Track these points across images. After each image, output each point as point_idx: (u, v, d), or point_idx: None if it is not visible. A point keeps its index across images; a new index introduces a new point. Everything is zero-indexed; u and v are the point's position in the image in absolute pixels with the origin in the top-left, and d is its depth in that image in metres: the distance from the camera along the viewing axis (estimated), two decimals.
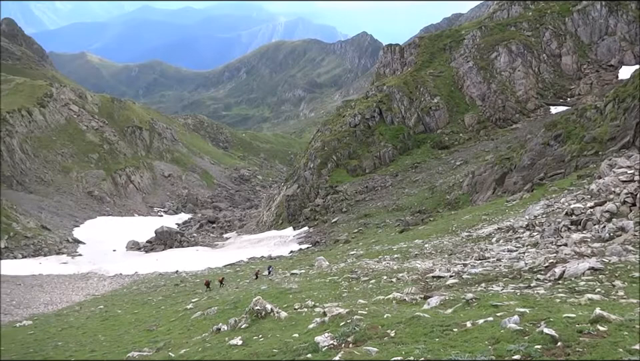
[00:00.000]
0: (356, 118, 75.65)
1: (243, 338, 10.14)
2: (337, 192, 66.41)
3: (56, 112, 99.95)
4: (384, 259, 27.43)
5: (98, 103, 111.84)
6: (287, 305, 15.76)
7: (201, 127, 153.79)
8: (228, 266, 48.83)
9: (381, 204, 59.47)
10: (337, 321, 9.34)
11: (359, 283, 20.08)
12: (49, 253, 62.89)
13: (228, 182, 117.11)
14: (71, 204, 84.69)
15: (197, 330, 16.98)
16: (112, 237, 73.08)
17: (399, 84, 77.48)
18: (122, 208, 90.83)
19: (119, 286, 43.30)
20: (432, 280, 17.44)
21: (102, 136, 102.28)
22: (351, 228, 54.52)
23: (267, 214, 76.99)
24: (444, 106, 74.39)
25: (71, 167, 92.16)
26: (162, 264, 55.86)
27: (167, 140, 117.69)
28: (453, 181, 56.43)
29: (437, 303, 10.66)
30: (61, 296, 39.36)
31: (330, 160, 71.59)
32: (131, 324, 22.70)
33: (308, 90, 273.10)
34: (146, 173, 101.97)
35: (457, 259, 21.92)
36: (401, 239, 37.39)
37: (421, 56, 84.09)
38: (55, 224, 74.50)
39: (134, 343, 17.52)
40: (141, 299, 31.96)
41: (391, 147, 71.90)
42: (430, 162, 67.82)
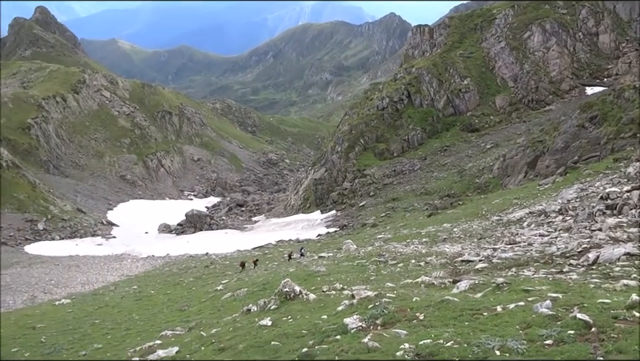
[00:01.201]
0: (384, 101, 74.84)
1: (272, 318, 10.30)
2: (364, 176, 66.17)
3: (89, 98, 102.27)
4: (412, 243, 27.30)
5: (129, 89, 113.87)
6: (314, 287, 15.90)
7: (229, 112, 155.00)
8: (256, 249, 49.52)
9: (409, 188, 59.02)
10: (365, 303, 9.38)
11: (387, 266, 20.08)
12: (84, 235, 64.99)
13: (256, 166, 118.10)
14: (105, 188, 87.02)
15: (227, 310, 17.33)
16: (144, 220, 74.88)
17: (428, 66, 76.09)
18: (153, 191, 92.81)
19: (152, 268, 44.47)
20: (461, 264, 17.29)
21: (133, 121, 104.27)
22: (379, 212, 54.36)
23: (295, 198, 77.44)
24: (474, 88, 72.78)
25: (104, 152, 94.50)
26: (192, 246, 57.05)
27: (196, 125, 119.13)
28: (483, 164, 55.47)
29: (466, 287, 10.56)
30: (97, 276, 40.71)
31: (357, 144, 71.22)
32: (164, 304, 23.33)
33: (335, 73, 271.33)
34: (176, 157, 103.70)
35: (486, 243, 21.64)
36: (429, 223, 37.10)
37: (450, 37, 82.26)
38: (89, 207, 76.77)
39: (167, 322, 18.01)
40: (172, 280, 32.77)
41: (419, 130, 70.98)
42: (459, 145, 66.71)
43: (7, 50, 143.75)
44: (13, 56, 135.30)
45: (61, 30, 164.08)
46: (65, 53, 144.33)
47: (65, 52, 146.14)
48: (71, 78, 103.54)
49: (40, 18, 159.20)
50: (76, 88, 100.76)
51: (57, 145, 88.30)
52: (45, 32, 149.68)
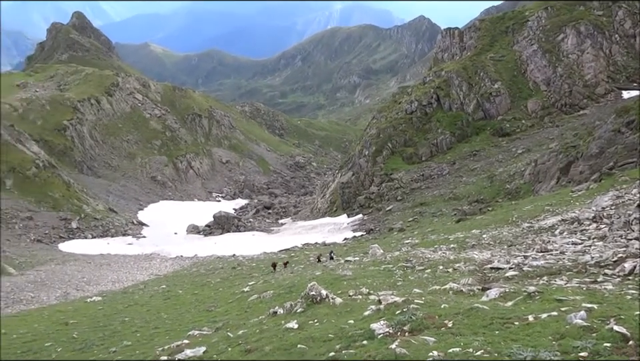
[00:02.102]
0: (412, 105, 74.24)
1: (299, 321, 10.30)
2: (391, 180, 65.72)
3: (122, 100, 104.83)
4: (440, 248, 26.93)
5: (160, 92, 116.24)
6: (340, 291, 15.85)
7: (257, 114, 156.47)
8: (283, 252, 49.69)
9: (437, 193, 58.31)
10: (393, 309, 9.28)
11: (414, 272, 19.86)
12: (115, 234, 66.51)
13: (283, 169, 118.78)
14: (136, 189, 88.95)
15: (253, 312, 17.43)
16: (173, 220, 76.17)
17: (457, 69, 75.16)
18: (183, 192, 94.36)
19: (180, 268, 45.14)
20: (490, 271, 16.95)
21: (164, 123, 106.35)
22: (406, 217, 53.86)
23: (322, 201, 77.49)
24: (505, 92, 71.50)
25: (135, 153, 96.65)
26: (220, 247, 57.69)
27: (225, 127, 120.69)
28: (513, 170, 54.34)
29: (497, 295, 10.34)
30: (127, 275, 41.57)
31: (385, 148, 70.83)
32: (191, 304, 23.63)
33: (363, 76, 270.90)
34: (205, 159, 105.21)
35: (517, 251, 21.17)
36: (458, 229, 36.54)
37: (481, 40, 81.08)
38: (121, 207, 78.56)
39: (194, 322, 18.23)
40: (200, 280, 33.18)
41: (448, 134, 70.11)
42: (489, 150, 65.58)
43: (45, 54, 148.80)
44: (50, 59, 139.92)
45: (96, 34, 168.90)
46: (99, 57, 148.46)
47: (100, 55, 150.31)
48: (105, 81, 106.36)
49: (77, 23, 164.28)
50: (110, 91, 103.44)
51: (90, 146, 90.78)
52: (81, 37, 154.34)
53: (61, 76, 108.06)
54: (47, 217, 64.22)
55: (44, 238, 59.38)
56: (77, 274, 40.75)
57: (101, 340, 17.37)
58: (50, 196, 67.95)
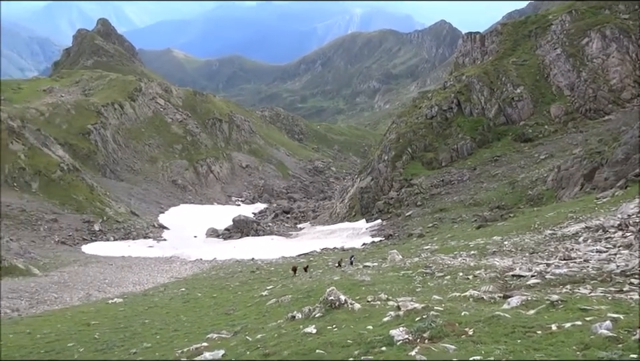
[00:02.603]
0: (433, 110, 73.74)
1: (317, 326, 10.27)
2: (411, 185, 65.28)
3: (144, 105, 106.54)
4: (460, 255, 26.61)
5: (182, 97, 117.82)
6: (359, 297, 15.77)
7: (277, 119, 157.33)
8: (301, 256, 49.70)
9: (457, 199, 57.69)
10: (412, 316, 9.19)
11: (434, 278, 19.67)
12: (137, 237, 67.40)
13: (302, 174, 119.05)
14: (157, 192, 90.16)
15: (271, 316, 17.47)
16: (193, 224, 76.90)
17: (479, 74, 74.44)
18: (203, 196, 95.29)
19: (199, 271, 45.48)
20: (511, 278, 16.69)
21: (185, 128, 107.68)
22: (426, 222, 53.40)
23: (340, 206, 77.38)
24: (528, 97, 70.50)
25: (157, 157, 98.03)
26: (239, 251, 57.98)
27: (245, 132, 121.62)
28: (536, 176, 53.47)
29: (518, 303, 10.16)
30: (148, 277, 42.03)
31: (405, 153, 70.44)
32: (210, 307, 23.77)
33: (383, 81, 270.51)
34: (225, 163, 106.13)
35: (539, 258, 20.79)
36: (478, 235, 36.06)
37: (503, 44, 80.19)
38: (142, 210, 79.67)
39: (213, 325, 18.34)
40: (219, 284, 33.37)
41: (469, 139, 69.39)
42: (511, 155, 64.67)
43: (71, 60, 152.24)
44: (76, 65, 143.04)
45: (120, 40, 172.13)
46: (123, 63, 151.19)
47: (124, 61, 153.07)
48: (129, 86, 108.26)
49: (101, 30, 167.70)
50: (133, 96, 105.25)
51: (113, 150, 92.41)
52: (106, 43, 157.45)
53: (85, 82, 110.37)
54: (70, 219, 65.49)
55: (67, 240, 60.50)
56: (99, 276, 41.37)
57: (121, 341, 17.59)
58: (74, 198, 69.32)
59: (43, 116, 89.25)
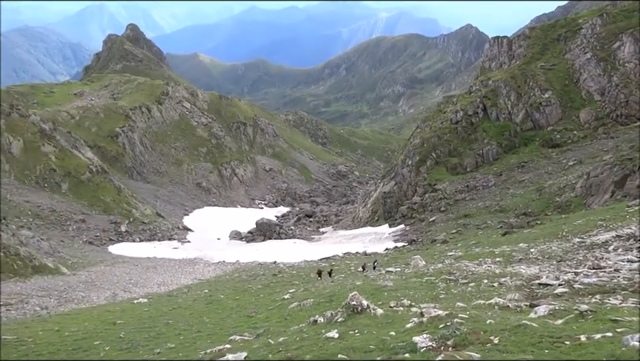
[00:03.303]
0: (458, 115, 72.92)
1: (339, 331, 10.23)
2: (435, 191, 64.62)
3: (171, 109, 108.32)
4: (484, 262, 26.18)
5: (207, 100, 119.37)
6: (381, 302, 15.66)
7: (300, 123, 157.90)
8: (323, 260, 49.66)
9: (482, 205, 56.82)
10: (436, 323, 9.07)
11: (457, 285, 19.40)
12: (162, 238, 68.41)
13: (325, 178, 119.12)
14: (182, 194, 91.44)
15: (293, 319, 17.48)
16: (217, 226, 77.67)
17: (505, 79, 73.34)
18: (226, 199, 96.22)
19: (222, 273, 45.88)
20: (538, 287, 16.34)
21: (210, 131, 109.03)
22: (449, 228, 52.76)
23: (363, 210, 77.09)
24: (556, 102, 69.08)
25: (182, 160, 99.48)
26: (261, 254, 58.29)
27: (269, 136, 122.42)
28: (564, 182, 52.29)
29: (546, 312, 9.92)
30: (172, 278, 42.61)
31: (429, 158, 69.81)
32: (233, 309, 23.94)
33: (408, 85, 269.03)
34: (249, 167, 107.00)
35: (567, 266, 20.31)
36: (504, 242, 35.43)
37: (531, 48, 78.83)
38: (167, 212, 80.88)
39: (235, 327, 18.45)
40: (241, 286, 33.59)
41: (495, 145, 68.34)
42: (538, 161, 63.39)
43: (101, 64, 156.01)
44: (105, 69, 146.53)
45: (148, 45, 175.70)
46: (151, 67, 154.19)
47: (152, 66, 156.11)
48: (156, 90, 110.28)
49: (131, 35, 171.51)
50: (160, 99, 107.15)
51: (140, 153, 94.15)
52: (135, 48, 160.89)
53: (114, 86, 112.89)
54: (98, 220, 66.90)
55: (95, 240, 61.79)
56: (124, 276, 42.12)
57: (146, 341, 17.84)
58: (102, 200, 70.83)
59: (74, 119, 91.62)
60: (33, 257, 40.02)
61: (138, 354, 15.75)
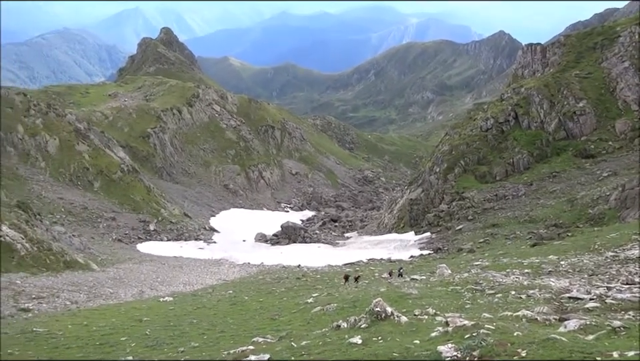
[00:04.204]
0: (488, 122, 71.82)
1: (363, 337, 10.16)
2: (463, 199, 63.72)
3: (201, 111, 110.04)
4: (512, 273, 25.66)
5: (237, 103, 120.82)
6: (405, 310, 15.51)
7: (328, 128, 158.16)
8: (347, 265, 49.50)
9: (511, 214, 55.72)
10: (461, 333, 8.92)
11: (484, 296, 19.06)
12: (188, 238, 69.39)
13: (352, 183, 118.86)
14: (209, 195, 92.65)
15: (316, 323, 17.46)
16: (242, 228, 78.30)
17: (538, 86, 71.90)
18: (253, 201, 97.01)
19: (247, 275, 46.19)
20: (568, 301, 15.92)
21: (239, 134, 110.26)
22: (477, 237, 51.90)
23: (389, 217, 76.58)
24: (591, 111, 67.32)
25: (211, 161, 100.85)
26: (286, 257, 58.45)
27: (296, 140, 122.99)
28: (597, 194, 50.82)
29: (576, 327, 9.65)
30: (197, 278, 43.13)
31: (457, 165, 68.92)
32: (256, 311, 24.07)
33: (437, 92, 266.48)
34: (276, 170, 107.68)
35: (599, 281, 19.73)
36: (533, 253, 34.66)
37: (565, 56, 77.13)
38: (195, 212, 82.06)
39: (258, 329, 18.54)
40: (265, 288, 33.76)
41: (526, 154, 66.99)
42: (571, 171, 61.83)
43: (135, 67, 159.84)
44: (139, 71, 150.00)
45: (181, 48, 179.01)
46: (183, 70, 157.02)
47: (184, 68, 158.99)
48: (187, 92, 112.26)
49: (164, 38, 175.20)
50: (190, 101, 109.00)
51: (170, 153, 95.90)
52: (168, 51, 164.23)
53: (147, 87, 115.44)
54: (127, 218, 68.35)
55: (124, 238, 63.12)
56: (151, 274, 42.85)
57: (170, 339, 18.10)
58: (132, 198, 72.36)
59: (107, 119, 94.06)
60: (64, 252, 41.12)
61: (162, 352, 16.00)
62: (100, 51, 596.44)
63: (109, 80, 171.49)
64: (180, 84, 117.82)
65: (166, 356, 15.06)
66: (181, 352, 15.51)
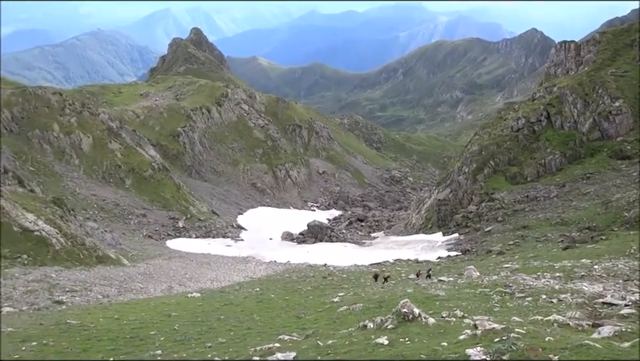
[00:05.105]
0: (519, 122, 70.35)
1: (389, 338, 10.10)
2: (492, 200, 62.62)
3: (229, 110, 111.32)
4: (543, 276, 25.08)
5: (265, 103, 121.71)
6: (432, 311, 15.33)
7: (355, 127, 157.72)
8: (374, 265, 49.28)
9: (542, 216, 54.45)
10: (491, 336, 8.76)
11: (513, 299, 18.69)
12: (216, 235, 70.31)
13: (379, 182, 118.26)
14: (237, 194, 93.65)
15: (342, 323, 17.43)
16: (269, 226, 78.86)
17: (572, 85, 70.01)
18: (279, 200, 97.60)
19: (273, 272, 46.48)
20: (602, 306, 15.47)
21: (266, 133, 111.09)
22: (506, 239, 50.92)
23: (416, 217, 75.88)
24: (627, 111, 65.14)
25: (239, 160, 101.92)
26: (312, 256, 58.56)
27: (324, 139, 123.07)
28: (633, 196, 49.13)
29: (610, 333, 9.36)
30: (224, 275, 43.62)
31: (487, 166, 67.76)
32: (282, 309, 24.19)
33: (467, 91, 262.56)
34: (303, 169, 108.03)
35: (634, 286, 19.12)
36: (565, 257, 33.80)
37: (601, 54, 74.83)
38: (222, 210, 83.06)
39: (284, 327, 18.63)
40: (291, 287, 33.90)
41: (558, 154, 65.34)
42: (606, 173, 59.97)
43: (166, 67, 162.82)
44: (170, 71, 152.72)
45: (210, 48, 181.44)
46: (212, 69, 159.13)
47: (213, 68, 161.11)
48: (216, 92, 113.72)
49: (194, 39, 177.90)
50: (219, 101, 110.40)
51: (199, 152, 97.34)
52: (197, 51, 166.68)
53: (178, 87, 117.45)
54: (158, 215, 69.71)
55: (154, 234, 64.39)
56: (180, 270, 43.57)
57: (198, 334, 18.37)
58: (162, 196, 73.77)
59: (139, 118, 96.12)
60: (97, 247, 42.21)
61: (190, 347, 16.23)
62: (132, 52, 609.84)
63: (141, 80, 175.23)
64: (209, 83, 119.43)
65: (194, 351, 15.28)
66: (209, 347, 15.71)
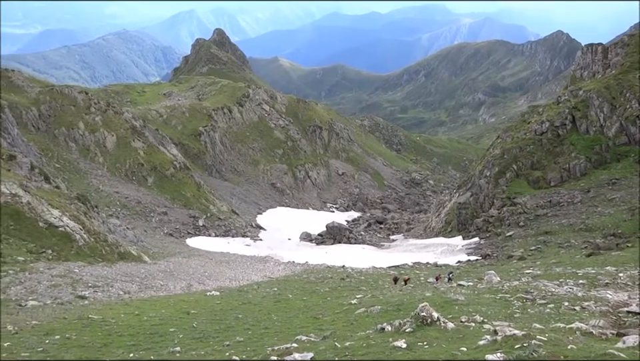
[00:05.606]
0: (543, 126, 69.19)
1: (407, 341, 10.02)
2: (514, 204, 61.69)
3: (251, 110, 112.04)
4: (566, 283, 24.60)
5: (285, 103, 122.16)
6: (451, 316, 15.17)
7: (376, 129, 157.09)
8: (392, 268, 49.01)
9: (565, 222, 53.42)
10: (511, 342, 8.62)
11: (534, 305, 18.37)
12: (235, 235, 70.82)
13: (398, 185, 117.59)
14: (257, 193, 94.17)
15: (359, 325, 17.38)
16: (288, 226, 79.12)
17: (598, 89, 68.54)
18: (299, 200, 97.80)
19: (291, 273, 46.59)
20: (626, 315, 15.08)
21: (287, 133, 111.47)
22: (528, 245, 50.12)
23: (436, 220, 75.22)
24: None
25: (259, 160, 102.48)
26: (330, 257, 58.54)
27: (344, 140, 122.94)
28: None
29: (635, 343, 9.11)
30: (243, 274, 43.92)
31: (509, 170, 66.81)
32: (300, 310, 24.23)
33: (489, 94, 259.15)
34: (322, 170, 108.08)
35: None
36: (588, 263, 33.09)
37: (629, 57, 73.04)
38: (242, 209, 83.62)
39: (302, 327, 18.66)
40: (309, 287, 33.93)
41: (583, 159, 64.05)
42: (632, 179, 58.52)
43: (189, 67, 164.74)
44: (193, 72, 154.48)
45: (233, 49, 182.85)
46: (234, 70, 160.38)
47: (235, 69, 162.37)
48: (238, 92, 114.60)
49: (217, 39, 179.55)
50: (241, 101, 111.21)
51: (220, 152, 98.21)
52: (220, 52, 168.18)
53: (200, 87, 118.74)
54: (178, 213, 70.55)
55: (174, 232, 65.19)
56: (199, 268, 44.00)
57: (216, 333, 18.53)
58: (183, 195, 74.63)
59: (162, 117, 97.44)
60: (119, 244, 42.91)
61: (208, 344, 16.38)
62: (156, 52, 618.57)
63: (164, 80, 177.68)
64: (231, 84, 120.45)
65: (212, 349, 15.42)
66: (226, 345, 15.83)
